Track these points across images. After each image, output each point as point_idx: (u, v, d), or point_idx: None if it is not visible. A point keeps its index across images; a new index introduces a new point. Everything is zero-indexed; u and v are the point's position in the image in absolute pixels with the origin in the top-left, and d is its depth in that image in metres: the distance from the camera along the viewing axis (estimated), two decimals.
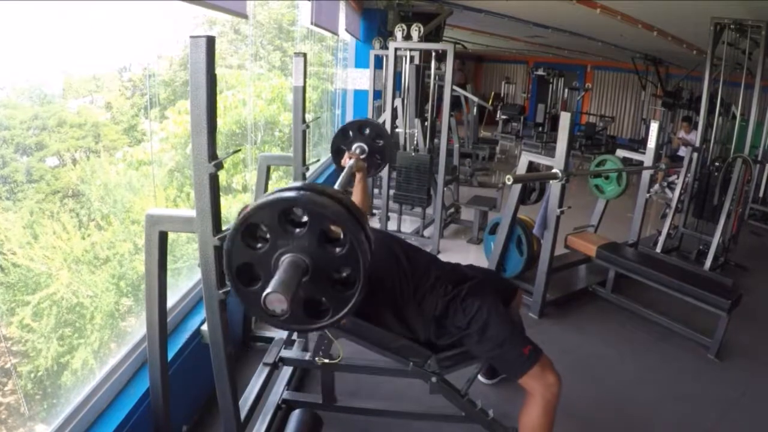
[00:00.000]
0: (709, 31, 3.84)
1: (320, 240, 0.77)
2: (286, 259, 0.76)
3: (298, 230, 0.78)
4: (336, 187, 1.21)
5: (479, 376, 1.88)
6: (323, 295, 0.81)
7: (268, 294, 0.69)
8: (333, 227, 0.78)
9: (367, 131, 1.80)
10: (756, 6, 3.53)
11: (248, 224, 0.78)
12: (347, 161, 1.58)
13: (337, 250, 0.78)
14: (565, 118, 2.31)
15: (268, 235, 0.79)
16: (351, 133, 1.80)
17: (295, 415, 1.54)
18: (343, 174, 1.36)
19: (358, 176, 1.58)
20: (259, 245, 0.79)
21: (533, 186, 2.69)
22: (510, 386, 1.82)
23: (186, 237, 1.95)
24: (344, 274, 0.80)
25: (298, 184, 0.82)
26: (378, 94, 4.47)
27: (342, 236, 0.77)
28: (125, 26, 1.48)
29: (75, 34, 1.30)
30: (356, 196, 1.59)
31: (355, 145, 1.78)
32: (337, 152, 1.79)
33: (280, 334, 1.89)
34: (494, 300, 1.37)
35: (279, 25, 3.42)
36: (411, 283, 1.36)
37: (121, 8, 1.44)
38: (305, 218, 0.78)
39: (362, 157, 1.73)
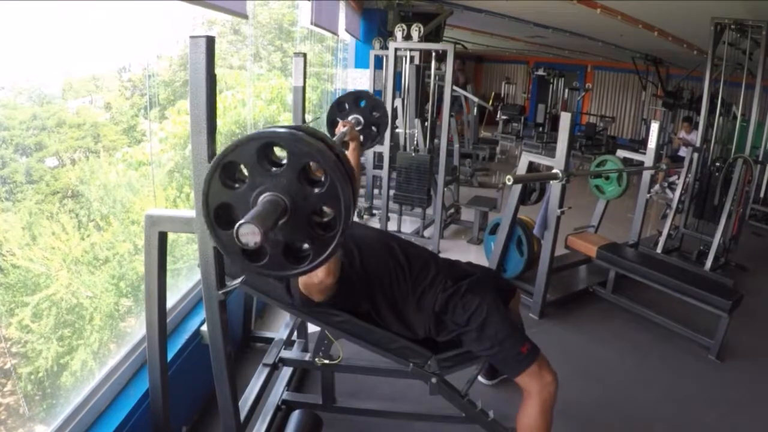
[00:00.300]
0: (710, 31, 3.83)
1: (300, 178, 0.75)
2: (264, 197, 0.74)
3: (277, 169, 0.75)
4: None
5: (479, 377, 1.87)
6: (303, 237, 0.78)
7: (241, 224, 0.66)
8: (314, 168, 0.76)
9: (363, 103, 1.76)
10: (756, 6, 3.52)
11: (226, 162, 0.75)
12: (340, 129, 1.52)
13: (317, 190, 0.75)
14: (565, 119, 2.31)
15: (246, 173, 0.76)
16: (347, 105, 1.76)
17: (295, 415, 1.54)
18: (335, 139, 1.32)
19: (351, 145, 1.52)
20: (237, 185, 0.77)
21: (533, 186, 2.69)
22: (510, 387, 1.81)
23: (186, 237, 1.95)
24: (325, 219, 0.77)
25: (280, 125, 0.79)
26: (378, 95, 4.46)
27: (323, 178, 0.75)
28: (124, 26, 1.48)
29: (74, 33, 1.30)
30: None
31: (350, 117, 1.74)
32: (332, 125, 1.74)
33: (280, 335, 1.89)
34: (494, 297, 1.37)
35: (279, 25, 3.42)
36: (409, 279, 1.35)
37: (120, 8, 1.44)
38: (285, 158, 0.76)
39: (358, 128, 1.67)
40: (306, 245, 0.79)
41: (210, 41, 1.02)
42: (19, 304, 1.23)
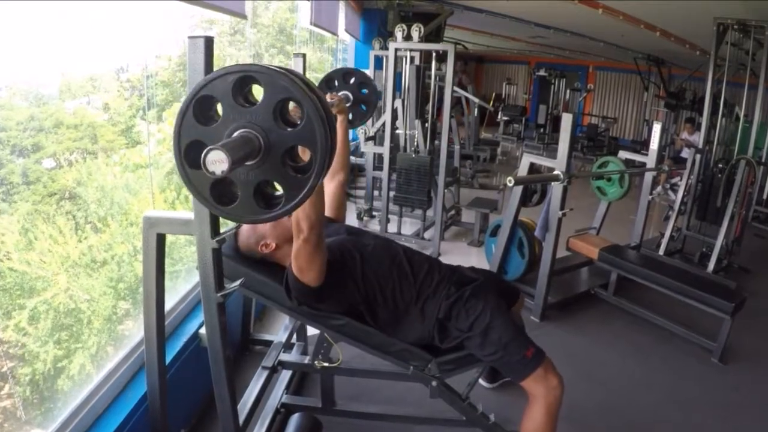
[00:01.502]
0: (712, 32, 3.82)
1: (276, 115, 0.72)
2: (238, 133, 0.72)
3: (252, 107, 0.73)
4: None
5: (480, 380, 1.86)
6: (276, 178, 0.75)
7: (209, 150, 0.63)
8: (292, 109, 0.74)
9: (353, 80, 1.74)
10: (759, 6, 3.51)
11: (200, 97, 0.73)
12: (328, 100, 1.48)
13: (293, 129, 0.73)
14: (566, 120, 2.30)
15: (221, 110, 0.74)
16: (336, 82, 1.74)
17: (295, 419, 1.53)
18: None
19: (339, 118, 1.50)
20: (212, 123, 0.74)
21: (535, 188, 2.68)
22: (511, 390, 1.81)
23: (185, 239, 1.94)
24: (300, 164, 0.75)
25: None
26: (378, 96, 4.45)
27: (299, 118, 0.72)
28: (123, 26, 1.47)
29: (71, 33, 1.29)
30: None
31: (340, 93, 1.70)
32: None
33: (279, 338, 1.88)
34: (497, 302, 1.36)
35: (281, 28, 3.41)
36: (413, 287, 1.35)
37: (118, 8, 1.43)
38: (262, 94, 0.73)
39: (347, 105, 1.65)
40: (279, 191, 0.76)
41: (209, 42, 1.01)
42: (16, 307, 1.22)
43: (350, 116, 1.68)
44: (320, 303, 1.29)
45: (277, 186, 0.77)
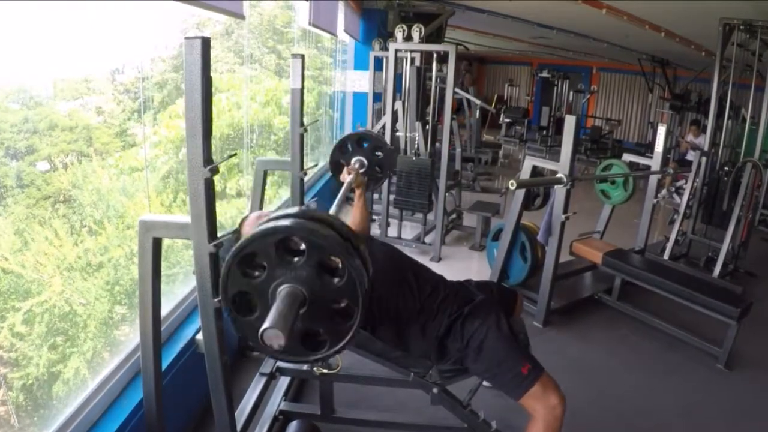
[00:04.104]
0: (718, 32, 3.78)
1: (318, 270, 0.77)
2: (283, 290, 0.76)
3: (295, 259, 0.77)
4: (335, 204, 1.20)
5: (485, 382, 1.83)
6: (321, 326, 0.81)
7: (265, 329, 0.69)
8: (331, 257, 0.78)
9: (366, 144, 1.80)
10: (766, 6, 3.47)
11: (244, 254, 0.78)
12: (346, 176, 1.57)
13: (336, 280, 0.77)
14: (570, 122, 2.28)
15: (264, 263, 0.79)
16: (350, 146, 1.80)
17: (293, 426, 1.51)
18: (342, 190, 1.34)
19: (357, 192, 1.57)
20: (257, 273, 0.79)
21: (537, 191, 2.65)
22: None
23: (182, 243, 1.92)
24: (343, 305, 0.80)
25: (295, 210, 0.81)
26: (378, 97, 4.42)
27: (340, 266, 0.77)
28: (117, 27, 1.45)
29: (66, 34, 1.28)
30: (355, 212, 1.57)
31: (354, 159, 1.77)
32: (336, 166, 1.78)
33: None
34: (496, 318, 1.34)
35: (272, 26, 3.38)
36: (417, 302, 1.34)
37: (113, 9, 1.41)
38: (303, 245, 0.78)
39: (362, 171, 1.72)
40: (323, 330, 0.81)
41: (205, 42, 1.00)
42: (10, 310, 1.21)
43: (365, 180, 1.72)
44: None
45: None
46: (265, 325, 0.69)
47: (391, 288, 1.32)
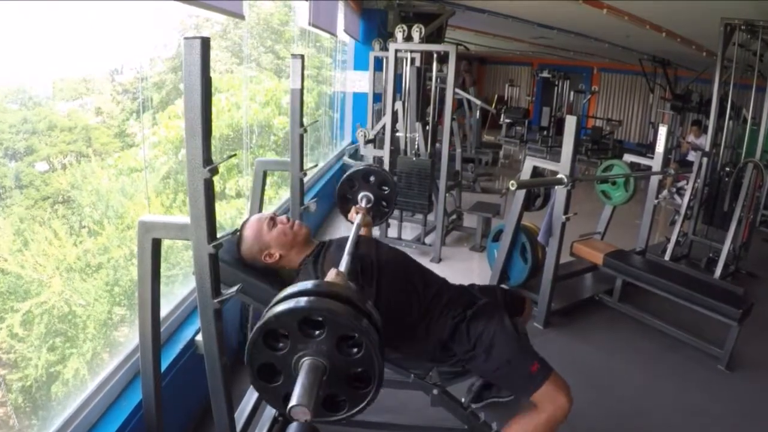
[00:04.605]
0: (719, 32, 3.77)
1: (338, 344, 0.83)
2: (305, 362, 0.82)
3: (316, 332, 0.83)
4: (348, 247, 1.27)
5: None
6: (340, 391, 0.87)
7: (293, 407, 0.74)
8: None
9: (372, 179, 1.87)
10: None
11: (268, 329, 0.84)
12: (354, 216, 1.64)
13: (354, 350, 0.83)
14: (570, 122, 2.27)
15: (287, 333, 0.84)
16: (356, 182, 1.87)
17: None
18: (352, 232, 1.40)
19: (364, 231, 1.63)
20: (280, 345, 0.85)
21: (538, 192, 2.64)
22: (514, 398, 1.77)
23: (182, 243, 1.91)
24: (360, 370, 0.86)
25: (314, 286, 0.87)
26: (378, 97, 4.41)
27: (357, 335, 0.83)
28: (116, 27, 1.45)
29: (65, 34, 1.27)
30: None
31: (361, 194, 1.83)
32: (343, 199, 1.86)
33: None
34: (500, 319, 1.36)
35: (268, 25, 3.37)
36: (422, 304, 1.35)
37: (112, 9, 1.41)
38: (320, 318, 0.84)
39: (368, 206, 1.80)
40: (342, 394, 0.88)
41: (205, 42, 0.99)
42: (9, 310, 1.20)
43: (371, 215, 1.80)
44: None
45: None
46: (293, 402, 0.74)
47: (399, 293, 1.34)
